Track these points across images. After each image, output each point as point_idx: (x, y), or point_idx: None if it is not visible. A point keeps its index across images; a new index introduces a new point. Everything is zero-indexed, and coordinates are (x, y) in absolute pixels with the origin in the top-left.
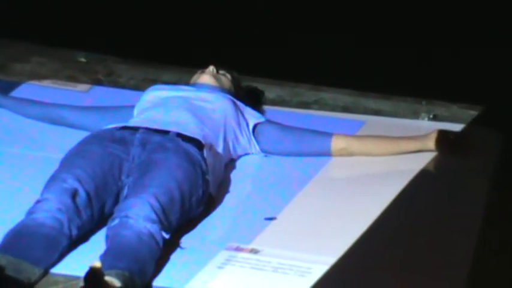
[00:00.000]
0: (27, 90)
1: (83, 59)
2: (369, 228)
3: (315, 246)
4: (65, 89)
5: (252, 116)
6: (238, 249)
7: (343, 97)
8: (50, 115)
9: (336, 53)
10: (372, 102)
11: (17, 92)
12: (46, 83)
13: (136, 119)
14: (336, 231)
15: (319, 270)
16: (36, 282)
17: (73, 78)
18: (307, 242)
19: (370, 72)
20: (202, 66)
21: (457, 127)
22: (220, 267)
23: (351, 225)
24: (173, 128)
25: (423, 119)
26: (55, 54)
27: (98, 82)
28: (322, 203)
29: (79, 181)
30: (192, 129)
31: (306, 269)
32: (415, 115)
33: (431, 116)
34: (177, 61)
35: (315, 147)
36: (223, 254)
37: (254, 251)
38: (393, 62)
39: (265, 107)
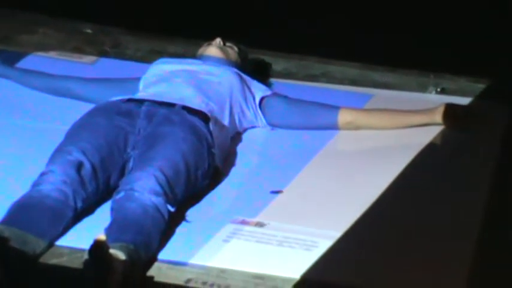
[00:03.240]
0: (33, 61)
1: (89, 30)
2: (374, 202)
3: (321, 221)
4: (71, 61)
5: (259, 89)
6: (243, 222)
7: (350, 70)
8: (56, 87)
9: (343, 28)
10: (379, 76)
11: (23, 63)
12: (52, 54)
13: (142, 93)
14: (342, 205)
15: (324, 245)
16: (41, 254)
17: (79, 50)
18: (313, 216)
19: (378, 45)
20: (209, 39)
21: (464, 100)
22: (225, 241)
23: (356, 199)
24: (179, 101)
25: (431, 92)
26: (61, 25)
27: (104, 54)
28: (328, 177)
29: (84, 153)
30: (197, 102)
31: (311, 243)
32: (422, 88)
33: (438, 90)
34: (184, 33)
35: (321, 121)
36: (229, 227)
37: (260, 225)
38: (401, 34)
39: (273, 80)
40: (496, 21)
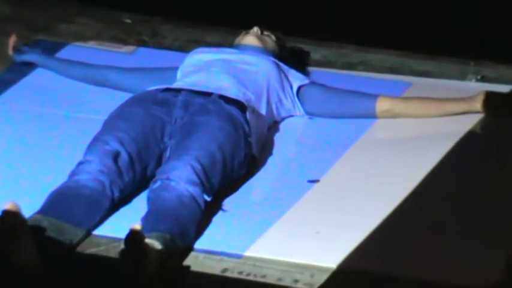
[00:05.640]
0: (72, 51)
1: (127, 20)
2: (412, 191)
3: (358, 210)
4: (109, 51)
5: (296, 78)
6: (279, 212)
7: (389, 58)
8: (94, 76)
9: (382, 14)
10: (418, 63)
11: (62, 53)
12: (91, 44)
13: (179, 82)
14: (380, 195)
15: (361, 235)
16: (78, 243)
17: (118, 39)
18: (350, 206)
19: (417, 32)
20: (246, 27)
21: (505, 88)
22: (261, 230)
23: (394, 189)
24: (216, 91)
25: (471, 80)
26: (100, 15)
27: (142, 43)
28: (366, 166)
29: (121, 143)
30: (234, 91)
31: (347, 233)
32: (462, 76)
33: (479, 77)
34: (221, 22)
35: (359, 109)
36: (265, 217)
37: (296, 215)
38: (440, 21)
39: (310, 69)
40: None
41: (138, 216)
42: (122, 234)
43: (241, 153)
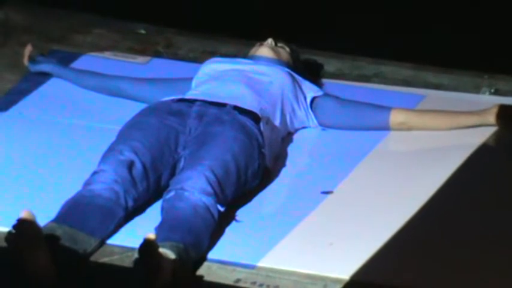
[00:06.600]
0: (87, 61)
1: (142, 31)
2: (425, 204)
3: (371, 222)
4: (124, 61)
5: (310, 90)
6: (292, 222)
7: (403, 71)
8: (109, 87)
9: (396, 27)
10: (432, 76)
11: (77, 63)
12: (106, 54)
13: (194, 92)
14: (393, 207)
15: (375, 246)
16: (92, 252)
17: (133, 50)
18: (363, 217)
19: (431, 45)
20: (261, 39)
21: None
22: (275, 241)
23: (407, 200)
24: (230, 101)
25: (484, 93)
26: (115, 26)
27: (157, 54)
28: (379, 178)
29: (135, 153)
30: (249, 102)
31: (361, 244)
32: (476, 89)
33: (492, 90)
34: (236, 33)
35: (373, 121)
36: (278, 227)
37: (309, 225)
38: (454, 34)
39: (324, 80)
40: None
41: (152, 226)
42: (136, 243)
43: (254, 164)
